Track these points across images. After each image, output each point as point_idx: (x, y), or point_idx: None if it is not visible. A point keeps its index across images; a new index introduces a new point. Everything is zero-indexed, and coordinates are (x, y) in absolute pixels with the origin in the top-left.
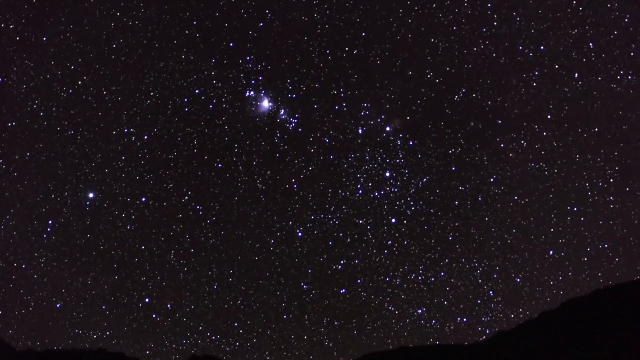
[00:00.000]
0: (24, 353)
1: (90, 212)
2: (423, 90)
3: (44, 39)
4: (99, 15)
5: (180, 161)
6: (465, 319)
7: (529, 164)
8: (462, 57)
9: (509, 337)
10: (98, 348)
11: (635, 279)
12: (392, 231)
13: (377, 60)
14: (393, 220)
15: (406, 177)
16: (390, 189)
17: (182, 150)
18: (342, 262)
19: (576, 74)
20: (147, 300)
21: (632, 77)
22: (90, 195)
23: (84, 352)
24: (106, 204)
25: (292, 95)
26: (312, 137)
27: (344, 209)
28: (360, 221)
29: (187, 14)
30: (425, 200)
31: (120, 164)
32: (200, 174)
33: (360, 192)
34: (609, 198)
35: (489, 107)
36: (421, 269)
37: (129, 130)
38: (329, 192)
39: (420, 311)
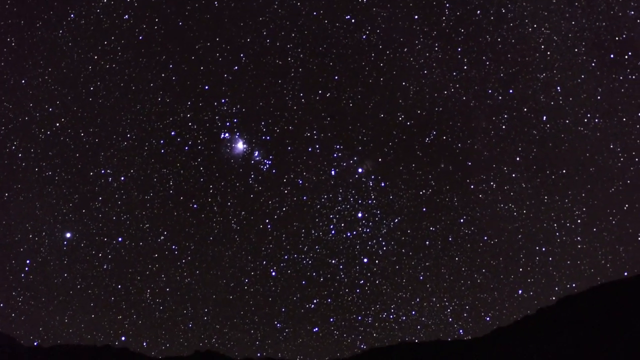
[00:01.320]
0: (30, 349)
1: (67, 251)
2: (394, 132)
3: (23, 81)
4: (77, 58)
5: (156, 202)
6: None
7: (499, 205)
8: (433, 100)
9: (507, 333)
10: (103, 345)
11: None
12: (364, 271)
13: (350, 103)
14: (365, 260)
15: (378, 217)
16: (363, 229)
17: (158, 190)
18: (315, 301)
19: (544, 117)
20: (123, 338)
21: (598, 120)
22: (68, 235)
23: (89, 349)
24: (83, 243)
25: (266, 137)
26: (285, 178)
27: (317, 249)
28: (333, 261)
29: (164, 57)
30: (396, 241)
31: (97, 204)
32: (176, 214)
33: (333, 232)
34: (577, 239)
35: (459, 149)
36: (393, 308)
37: (105, 171)
38: (302, 233)
39: None
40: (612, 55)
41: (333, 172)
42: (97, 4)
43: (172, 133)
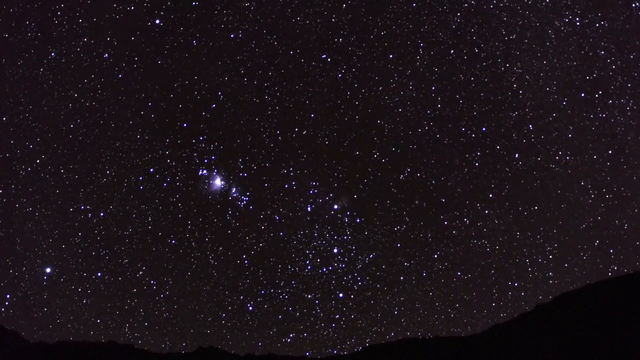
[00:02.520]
0: (37, 345)
1: (47, 286)
2: (370, 169)
3: (4, 118)
4: (57, 96)
5: (135, 237)
6: None
7: (472, 241)
8: (407, 138)
9: (506, 329)
10: (108, 341)
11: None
12: (340, 305)
13: (326, 141)
14: (340, 295)
15: (353, 253)
16: (338, 264)
17: (137, 226)
18: (291, 335)
19: (517, 155)
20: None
21: (569, 158)
22: (48, 270)
23: (95, 345)
24: (63, 278)
25: (243, 174)
26: (262, 215)
27: (293, 283)
28: (309, 296)
29: (142, 95)
30: (371, 276)
31: (77, 239)
32: (155, 250)
33: (309, 267)
34: (549, 274)
35: (433, 186)
36: (368, 342)
37: (85, 207)
38: (279, 268)
39: None
40: (582, 95)
41: (309, 209)
42: (77, 44)
43: (151, 170)
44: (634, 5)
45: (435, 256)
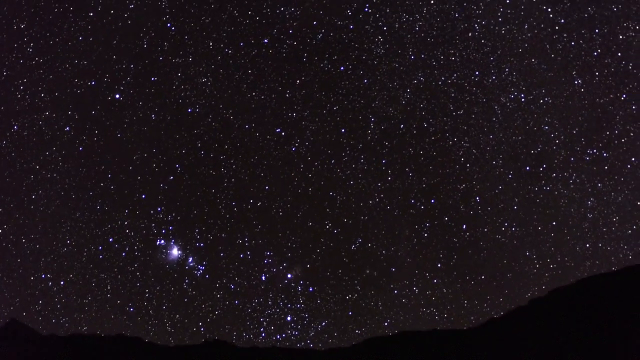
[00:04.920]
0: (48, 338)
1: None
2: (322, 240)
3: None
4: (19, 167)
5: (94, 305)
6: None
7: (421, 309)
8: (359, 210)
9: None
10: (117, 334)
11: None
12: None
13: (280, 212)
14: None
15: (306, 321)
16: (292, 332)
17: (96, 295)
18: None
19: (464, 226)
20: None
21: (515, 229)
22: None
23: (104, 337)
24: None
25: (200, 244)
26: (218, 283)
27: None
28: None
29: (102, 167)
30: (324, 343)
31: (37, 307)
32: (113, 317)
33: (263, 335)
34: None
35: (384, 256)
36: None
37: (46, 275)
38: (234, 336)
39: None
40: (527, 168)
41: (263, 277)
42: (39, 117)
43: (110, 239)
44: (575, 82)
45: (386, 324)
